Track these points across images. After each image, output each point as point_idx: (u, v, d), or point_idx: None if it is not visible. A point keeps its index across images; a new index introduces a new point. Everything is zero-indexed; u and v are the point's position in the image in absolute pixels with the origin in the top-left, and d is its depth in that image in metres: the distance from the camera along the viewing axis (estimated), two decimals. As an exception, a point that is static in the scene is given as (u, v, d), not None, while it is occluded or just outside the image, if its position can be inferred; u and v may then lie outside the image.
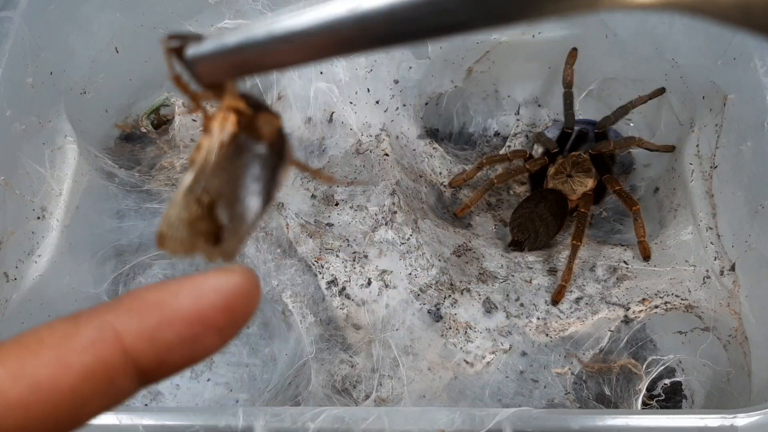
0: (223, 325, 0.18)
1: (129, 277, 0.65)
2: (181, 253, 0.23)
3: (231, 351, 0.63)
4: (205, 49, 0.22)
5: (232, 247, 0.23)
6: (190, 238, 0.23)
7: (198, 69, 0.22)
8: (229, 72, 0.22)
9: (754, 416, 0.41)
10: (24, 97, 0.58)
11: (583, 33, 0.71)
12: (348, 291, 0.61)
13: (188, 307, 0.18)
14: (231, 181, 0.23)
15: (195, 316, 0.18)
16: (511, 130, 0.79)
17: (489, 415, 0.41)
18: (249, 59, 0.21)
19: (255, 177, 0.23)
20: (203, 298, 0.18)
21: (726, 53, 0.60)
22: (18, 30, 0.57)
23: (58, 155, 0.61)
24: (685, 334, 0.60)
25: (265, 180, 0.23)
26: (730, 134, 0.60)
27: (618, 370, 0.58)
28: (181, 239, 0.23)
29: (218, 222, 0.23)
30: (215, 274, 0.19)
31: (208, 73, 0.22)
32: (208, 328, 0.18)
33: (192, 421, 0.41)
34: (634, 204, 0.64)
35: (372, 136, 0.71)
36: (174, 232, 0.22)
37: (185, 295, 0.18)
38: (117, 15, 0.68)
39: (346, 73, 0.71)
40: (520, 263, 0.65)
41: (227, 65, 0.22)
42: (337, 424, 0.42)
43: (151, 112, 0.76)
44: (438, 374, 0.58)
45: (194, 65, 0.22)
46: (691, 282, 0.60)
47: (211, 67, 0.22)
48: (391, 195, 0.66)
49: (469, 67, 0.76)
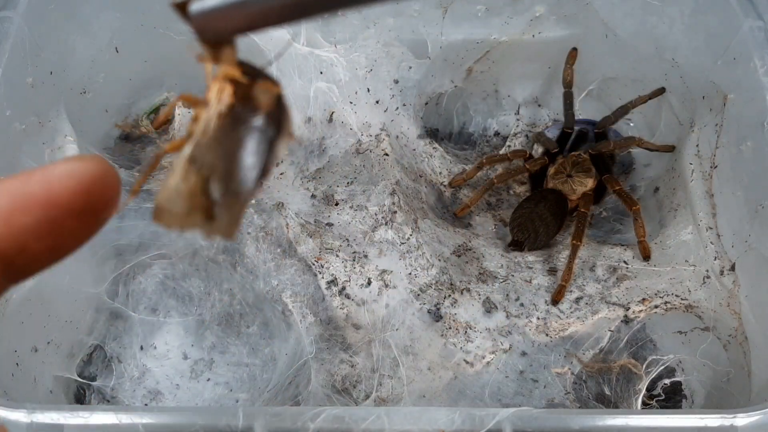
0: (80, 208, 0.19)
1: (129, 276, 0.65)
2: (177, 227, 0.22)
3: (231, 351, 0.63)
4: (209, 3, 0.22)
5: (228, 223, 0.22)
6: (187, 212, 0.22)
7: (201, 24, 0.22)
8: (232, 27, 0.22)
9: (754, 416, 0.41)
10: (24, 97, 0.58)
11: (583, 33, 0.71)
12: (348, 291, 0.61)
13: (40, 191, 0.19)
14: (226, 155, 0.23)
15: (48, 199, 0.19)
16: (511, 130, 0.79)
17: (489, 415, 0.41)
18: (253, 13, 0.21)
19: (251, 150, 0.23)
20: (54, 183, 0.19)
21: (726, 53, 0.60)
22: (18, 30, 0.57)
23: (58, 155, 0.61)
24: (685, 334, 0.60)
25: (261, 153, 0.23)
26: (730, 134, 0.60)
27: (618, 370, 0.58)
28: (178, 214, 0.22)
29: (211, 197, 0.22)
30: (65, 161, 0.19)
31: (212, 28, 0.22)
32: (64, 211, 0.19)
33: (192, 421, 0.41)
34: (634, 204, 0.64)
35: (372, 136, 0.71)
36: (171, 205, 0.22)
37: (36, 180, 0.19)
38: (117, 15, 0.68)
39: (346, 72, 0.71)
40: (520, 263, 0.65)
41: (231, 20, 0.22)
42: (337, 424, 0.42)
43: (151, 112, 0.76)
44: (438, 374, 0.58)
45: (198, 20, 0.22)
46: (691, 282, 0.60)
47: (214, 22, 0.22)
48: (391, 195, 0.66)
49: (469, 66, 0.76)
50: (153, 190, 0.67)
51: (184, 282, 0.65)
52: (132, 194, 0.27)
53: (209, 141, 0.22)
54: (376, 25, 0.71)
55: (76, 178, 0.19)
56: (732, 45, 0.60)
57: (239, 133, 0.23)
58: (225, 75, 0.23)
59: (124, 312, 0.63)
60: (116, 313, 0.64)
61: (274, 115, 0.23)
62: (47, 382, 0.57)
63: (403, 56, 0.72)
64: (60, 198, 0.19)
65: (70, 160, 0.19)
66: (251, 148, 0.23)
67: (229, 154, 0.23)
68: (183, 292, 0.64)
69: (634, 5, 0.67)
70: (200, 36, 0.23)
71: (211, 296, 0.64)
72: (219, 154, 0.23)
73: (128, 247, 0.65)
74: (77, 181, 0.19)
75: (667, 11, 0.65)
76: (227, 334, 0.63)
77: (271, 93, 0.23)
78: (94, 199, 0.19)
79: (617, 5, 0.69)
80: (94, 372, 0.62)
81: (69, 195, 0.19)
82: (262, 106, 0.23)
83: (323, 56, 0.71)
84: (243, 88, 0.23)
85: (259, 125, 0.23)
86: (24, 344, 0.55)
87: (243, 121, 0.23)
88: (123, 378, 0.61)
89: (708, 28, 0.63)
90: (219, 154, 0.23)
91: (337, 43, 0.71)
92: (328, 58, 0.71)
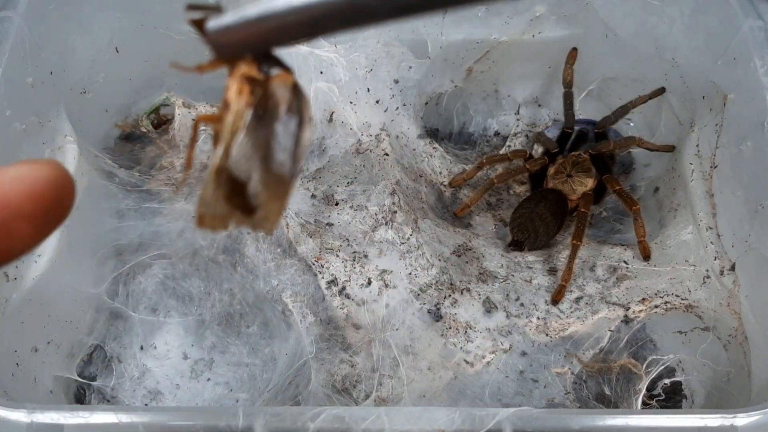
0: (30, 212, 0.19)
1: (129, 276, 0.65)
2: (220, 227, 0.24)
3: (231, 351, 0.63)
4: (226, 21, 0.22)
5: (270, 214, 0.24)
6: (226, 212, 0.24)
7: (218, 41, 0.23)
8: (249, 44, 0.22)
9: (754, 416, 0.41)
10: (24, 97, 0.58)
11: (583, 33, 0.71)
12: (348, 291, 0.61)
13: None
14: (257, 156, 0.24)
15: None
16: (511, 130, 0.79)
17: (489, 415, 0.41)
18: (269, 31, 0.21)
19: (280, 146, 0.24)
20: (5, 186, 0.19)
21: (726, 53, 0.60)
22: (18, 30, 0.57)
23: (58, 155, 0.61)
24: (685, 334, 0.60)
25: (289, 144, 0.24)
26: (730, 134, 0.60)
27: (618, 369, 0.58)
28: (219, 215, 0.24)
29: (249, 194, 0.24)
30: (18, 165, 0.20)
31: (229, 45, 0.23)
32: (14, 214, 0.19)
33: (192, 421, 0.41)
34: (634, 204, 0.64)
35: (372, 136, 0.71)
36: (211, 210, 0.23)
37: None
38: (117, 15, 0.68)
39: (346, 72, 0.71)
40: (520, 263, 0.65)
41: (247, 37, 0.22)
42: (337, 424, 0.42)
43: (151, 112, 0.76)
44: (438, 374, 0.58)
45: (215, 37, 0.23)
46: (691, 282, 0.60)
47: (231, 39, 0.22)
48: (391, 195, 0.66)
49: (469, 66, 0.76)
50: (153, 190, 0.67)
51: (184, 282, 0.65)
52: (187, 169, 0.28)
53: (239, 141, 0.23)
54: (376, 25, 0.71)
55: (27, 183, 0.19)
56: (732, 45, 0.60)
57: (265, 131, 0.24)
58: (242, 74, 0.23)
59: (124, 312, 0.63)
60: (116, 313, 0.64)
61: (294, 106, 0.24)
62: (47, 382, 0.57)
63: (403, 56, 0.72)
64: (10, 201, 0.19)
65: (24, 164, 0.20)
66: (279, 144, 0.24)
67: (259, 154, 0.24)
68: (183, 292, 0.64)
69: (634, 5, 0.67)
70: (216, 52, 0.23)
71: (211, 296, 0.64)
72: (250, 156, 0.24)
73: (128, 247, 0.65)
74: (28, 186, 0.19)
75: (667, 11, 0.65)
76: (227, 334, 0.63)
77: (286, 85, 0.24)
78: (46, 203, 0.19)
79: (617, 5, 0.69)
80: (94, 372, 0.62)
81: (19, 199, 0.19)
82: (280, 101, 0.24)
83: (323, 56, 0.71)
84: (260, 84, 0.24)
85: (283, 119, 0.24)
86: (24, 344, 0.55)
87: (266, 119, 0.24)
88: (123, 378, 0.61)
89: (708, 28, 0.63)
90: (250, 156, 0.24)
91: (337, 43, 0.71)
92: (328, 58, 0.71)
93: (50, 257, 0.57)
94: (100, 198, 0.65)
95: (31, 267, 0.56)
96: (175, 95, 0.75)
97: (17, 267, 0.55)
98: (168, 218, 0.65)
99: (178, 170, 0.70)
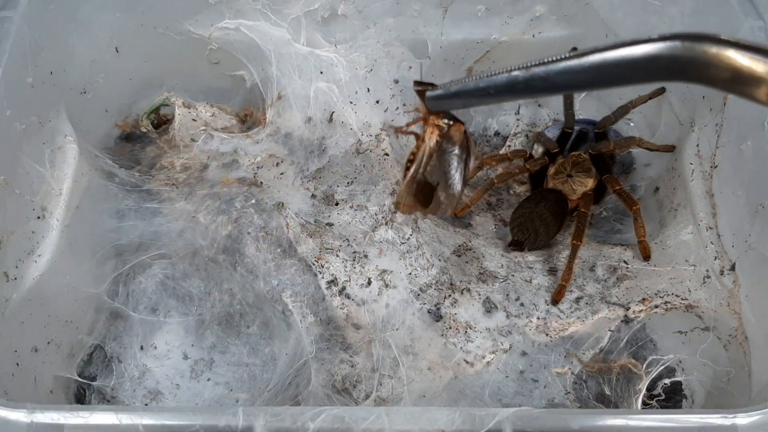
0: None
1: (129, 276, 0.65)
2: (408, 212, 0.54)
3: (231, 351, 0.63)
4: (438, 92, 0.41)
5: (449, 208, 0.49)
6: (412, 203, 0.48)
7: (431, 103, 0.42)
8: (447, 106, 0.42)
9: (754, 416, 0.41)
10: (24, 97, 0.58)
11: (584, 33, 0.71)
12: (348, 291, 0.61)
13: None
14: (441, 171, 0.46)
15: None
16: (511, 130, 0.79)
17: (489, 415, 0.41)
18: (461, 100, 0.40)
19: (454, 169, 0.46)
20: None
21: (726, 53, 0.60)
22: (18, 30, 0.57)
23: (58, 155, 0.61)
24: (685, 334, 0.60)
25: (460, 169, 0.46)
26: (730, 134, 0.60)
27: (618, 369, 0.58)
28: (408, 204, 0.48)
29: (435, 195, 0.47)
30: None
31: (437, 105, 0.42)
32: None
33: (192, 421, 0.41)
34: (634, 204, 0.64)
35: (372, 136, 0.71)
36: (404, 200, 0.48)
37: None
38: (117, 15, 0.68)
39: (346, 72, 0.71)
40: (520, 263, 0.65)
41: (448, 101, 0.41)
42: (337, 424, 0.42)
43: (151, 112, 0.76)
44: (438, 374, 0.58)
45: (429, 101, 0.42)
46: (691, 282, 0.60)
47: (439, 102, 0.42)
48: (391, 195, 0.66)
49: (469, 66, 0.76)
50: (153, 190, 0.67)
51: (184, 282, 0.65)
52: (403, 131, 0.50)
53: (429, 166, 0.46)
54: (376, 25, 0.71)
55: None
56: (732, 45, 0.59)
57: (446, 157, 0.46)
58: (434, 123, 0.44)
59: (124, 312, 0.63)
60: (116, 313, 0.64)
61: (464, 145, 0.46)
62: (47, 382, 0.57)
63: (403, 56, 0.72)
64: None
65: None
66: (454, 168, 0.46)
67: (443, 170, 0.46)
68: (183, 292, 0.64)
69: (634, 5, 0.67)
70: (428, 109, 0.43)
71: (211, 296, 0.64)
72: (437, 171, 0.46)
73: (128, 247, 0.65)
74: None
75: (667, 11, 0.65)
76: (227, 334, 0.63)
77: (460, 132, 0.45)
78: None
79: (617, 5, 0.69)
80: (94, 372, 0.62)
81: None
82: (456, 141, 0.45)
83: (323, 56, 0.71)
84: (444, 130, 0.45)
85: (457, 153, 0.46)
86: (24, 344, 0.55)
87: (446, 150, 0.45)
88: (123, 378, 0.61)
89: (708, 28, 0.62)
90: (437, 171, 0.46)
91: (337, 43, 0.71)
92: (328, 58, 0.71)
93: (50, 257, 0.57)
94: (100, 198, 0.65)
95: (31, 267, 0.56)
96: (175, 95, 0.75)
97: (17, 267, 0.55)
98: (168, 218, 0.65)
99: (177, 170, 0.70)
